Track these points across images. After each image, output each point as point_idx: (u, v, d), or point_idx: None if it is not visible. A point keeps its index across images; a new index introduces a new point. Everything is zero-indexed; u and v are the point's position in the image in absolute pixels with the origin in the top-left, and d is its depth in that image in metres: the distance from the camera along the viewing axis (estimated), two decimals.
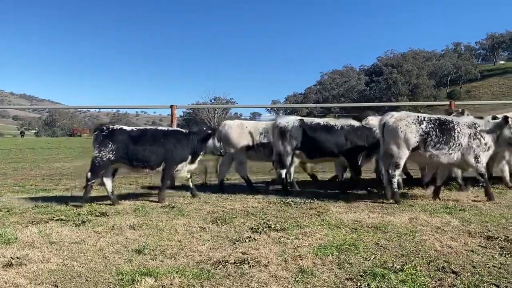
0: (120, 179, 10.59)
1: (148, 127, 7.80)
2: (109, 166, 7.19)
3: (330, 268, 3.87)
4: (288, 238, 4.83)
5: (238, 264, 3.98)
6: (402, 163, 6.99)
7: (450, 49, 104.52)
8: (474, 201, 6.98)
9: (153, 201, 7.31)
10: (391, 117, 6.98)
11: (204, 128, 8.03)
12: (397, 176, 7.02)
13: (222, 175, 9.02)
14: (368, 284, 3.44)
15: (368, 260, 4.04)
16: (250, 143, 8.63)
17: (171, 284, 3.53)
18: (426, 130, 6.81)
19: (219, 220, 5.73)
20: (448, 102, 10.65)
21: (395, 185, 6.95)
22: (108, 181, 7.24)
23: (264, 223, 5.52)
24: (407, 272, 3.66)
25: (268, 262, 4.04)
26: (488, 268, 3.80)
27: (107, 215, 6.18)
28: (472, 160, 6.88)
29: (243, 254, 4.30)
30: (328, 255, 4.19)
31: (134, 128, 7.62)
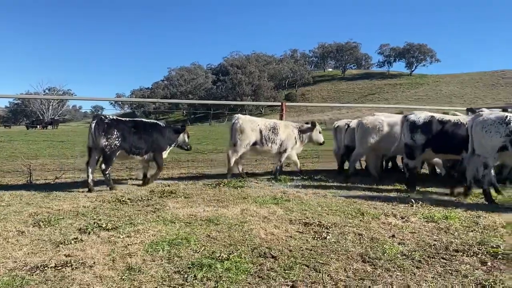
0: None
1: (136, 119, 8.75)
2: (117, 153, 7.83)
3: (160, 263, 3.88)
4: (119, 237, 4.67)
5: (60, 267, 3.70)
6: (490, 163, 6.86)
7: (288, 55, 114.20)
8: (298, 192, 7.75)
9: None
10: (480, 117, 6.96)
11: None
12: (488, 175, 6.95)
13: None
14: (194, 275, 3.55)
15: (198, 252, 4.16)
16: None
17: None
18: None
19: (42, 222, 5.22)
20: (280, 103, 11.58)
21: (486, 185, 6.89)
22: (91, 169, 7.78)
23: (94, 223, 5.23)
24: (233, 260, 3.89)
25: (94, 262, 3.85)
26: (302, 251, 4.28)
27: None
28: None
29: (66, 256, 4.01)
30: (159, 251, 4.19)
31: (126, 118, 8.44)
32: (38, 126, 55.94)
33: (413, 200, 6.73)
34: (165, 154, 8.85)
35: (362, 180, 9.07)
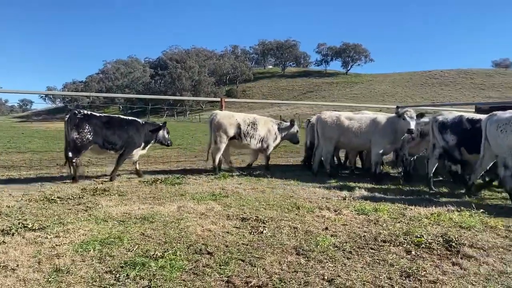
0: None
1: (112, 115, 8.94)
2: (89, 146, 8.08)
3: (90, 263, 3.73)
4: (46, 238, 4.42)
5: None
6: (509, 162, 6.50)
7: (228, 51, 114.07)
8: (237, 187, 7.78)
9: None
10: (494, 116, 6.80)
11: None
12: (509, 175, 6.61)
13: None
14: (127, 275, 3.45)
15: (131, 251, 4.05)
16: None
17: None
18: None
19: None
20: (219, 99, 11.54)
21: (508, 185, 6.58)
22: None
23: (19, 223, 4.91)
24: (167, 258, 3.83)
25: (18, 265, 3.62)
26: (238, 246, 4.30)
27: None
28: None
29: None
30: (90, 251, 4.02)
31: (102, 114, 8.63)
32: None
33: (345, 194, 7.00)
34: (144, 151, 9.13)
35: (299, 176, 9.29)
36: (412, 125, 8.23)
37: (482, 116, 7.43)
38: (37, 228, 4.74)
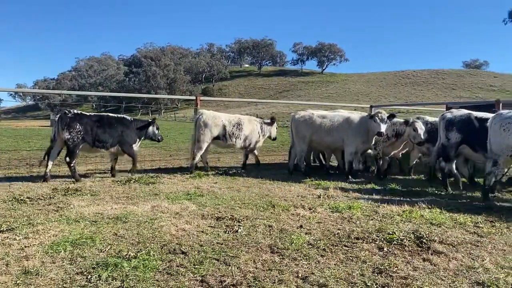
0: None
1: (102, 113, 9.12)
2: (80, 146, 8.14)
3: (61, 265, 3.64)
4: (15, 239, 4.30)
5: None
6: (500, 161, 6.71)
7: (204, 49, 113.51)
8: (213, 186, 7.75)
9: None
10: (499, 115, 6.82)
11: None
12: (494, 174, 6.80)
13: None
14: (99, 276, 3.38)
15: (103, 252, 3.98)
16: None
17: None
18: None
19: None
20: (194, 97, 11.43)
21: (488, 182, 6.83)
22: (50, 163, 8.17)
23: None
24: (140, 258, 3.77)
25: None
26: (213, 245, 4.28)
27: None
28: None
29: None
30: (60, 252, 3.93)
31: (92, 113, 8.84)
32: None
33: (320, 193, 7.07)
34: (135, 147, 9.12)
35: (275, 175, 9.33)
36: (382, 128, 8.38)
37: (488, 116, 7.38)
38: (5, 229, 4.60)
